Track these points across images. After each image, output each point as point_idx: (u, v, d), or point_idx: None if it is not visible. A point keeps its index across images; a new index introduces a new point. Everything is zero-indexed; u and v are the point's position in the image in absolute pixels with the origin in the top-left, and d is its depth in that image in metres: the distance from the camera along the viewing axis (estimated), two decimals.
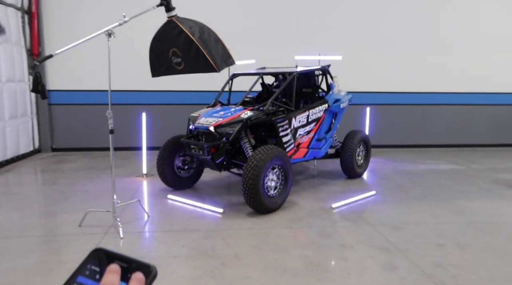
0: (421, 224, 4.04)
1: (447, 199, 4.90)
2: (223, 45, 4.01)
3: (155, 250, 3.41)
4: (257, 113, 4.64)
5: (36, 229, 3.82)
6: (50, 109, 7.74)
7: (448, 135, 8.75)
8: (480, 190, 5.32)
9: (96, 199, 4.71)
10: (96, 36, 3.55)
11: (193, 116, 4.98)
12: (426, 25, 8.30)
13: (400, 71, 8.37)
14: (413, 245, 3.49)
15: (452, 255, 3.31)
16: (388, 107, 8.44)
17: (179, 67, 4.08)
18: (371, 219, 4.17)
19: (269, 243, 3.51)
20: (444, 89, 8.55)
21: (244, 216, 4.21)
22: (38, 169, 6.56)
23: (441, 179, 5.94)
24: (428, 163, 7.14)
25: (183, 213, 4.30)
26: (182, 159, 5.17)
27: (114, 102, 7.64)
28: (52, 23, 7.49)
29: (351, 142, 5.69)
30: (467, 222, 4.11)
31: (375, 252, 3.35)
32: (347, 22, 8.12)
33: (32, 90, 3.28)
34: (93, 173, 6.07)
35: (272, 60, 6.93)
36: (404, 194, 5.13)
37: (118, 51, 7.21)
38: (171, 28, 3.93)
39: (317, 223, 4.03)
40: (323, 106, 5.36)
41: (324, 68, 5.73)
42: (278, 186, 4.41)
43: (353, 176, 5.84)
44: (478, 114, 8.77)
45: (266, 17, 7.92)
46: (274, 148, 4.30)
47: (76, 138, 7.85)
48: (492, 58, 8.52)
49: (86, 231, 3.74)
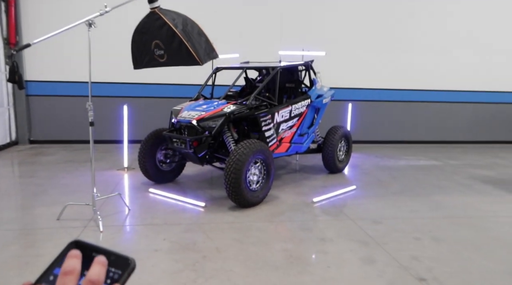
0: (399, 218, 4.13)
1: (424, 194, 5.01)
2: (207, 38, 3.98)
3: (135, 243, 3.39)
4: (240, 107, 4.64)
5: (13, 223, 3.74)
6: (27, 100, 7.53)
7: (428, 131, 8.93)
8: (457, 186, 5.46)
9: (75, 193, 4.63)
10: (76, 26, 3.47)
11: (175, 109, 4.94)
12: (408, 23, 8.42)
13: (382, 68, 8.48)
14: (391, 239, 3.57)
15: (428, 248, 3.40)
16: (370, 103, 8.55)
17: (162, 59, 4.03)
18: (351, 213, 4.23)
19: (250, 237, 3.53)
20: (425, 86, 8.71)
21: (226, 210, 4.21)
22: (15, 161, 6.40)
23: (420, 174, 6.07)
24: (408, 159, 7.28)
25: (165, 207, 4.28)
26: (164, 153, 5.12)
27: (95, 94, 7.49)
28: (30, 11, 7.27)
29: (333, 138, 5.75)
30: (443, 216, 4.22)
31: (354, 245, 3.41)
32: (331, 18, 8.17)
33: (8, 80, 3.19)
34: (72, 166, 5.96)
35: (256, 54, 6.91)
36: (383, 189, 5.22)
37: (99, 42, 7.06)
38: (154, 20, 3.87)
39: (298, 217, 4.07)
40: (305, 102, 5.39)
41: (307, 64, 5.76)
42: (260, 180, 4.42)
43: (334, 171, 5.91)
44: (458, 112, 8.98)
45: (251, 11, 7.89)
46: (256, 142, 4.31)
47: (54, 130, 7.67)
48: (472, 58, 8.72)
49: (65, 225, 3.68)
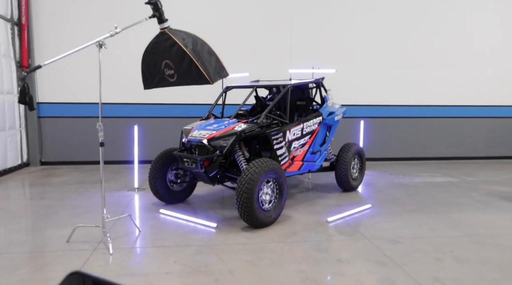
0: (417, 237, 3.97)
1: (443, 212, 4.85)
2: (217, 57, 3.97)
3: (145, 266, 3.29)
4: (251, 126, 4.59)
5: (22, 245, 3.68)
6: (39, 122, 7.61)
7: (442, 148, 8.77)
8: (475, 203, 5.29)
9: (86, 214, 4.58)
10: (87, 47, 3.49)
11: (186, 129, 4.91)
12: (419, 39, 8.39)
13: (394, 84, 8.42)
14: (410, 259, 3.42)
15: (451, 269, 3.24)
16: (382, 120, 8.46)
17: (172, 79, 4.03)
18: (367, 232, 4.09)
19: (264, 258, 3.41)
20: (438, 102, 8.61)
21: (238, 231, 4.11)
22: (26, 183, 6.40)
23: (436, 191, 5.90)
24: (423, 175, 7.12)
25: (176, 228, 4.19)
26: (175, 173, 5.07)
27: (106, 115, 7.56)
28: (42, 35, 7.43)
29: (346, 155, 5.65)
30: (464, 235, 4.05)
31: (372, 266, 3.27)
32: (341, 36, 8.18)
33: (19, 101, 3.19)
34: (83, 187, 5.93)
35: (266, 73, 6.93)
36: (399, 207, 5.07)
37: (110, 63, 7.18)
38: (164, 40, 3.89)
39: (313, 237, 3.95)
40: (317, 119, 5.33)
41: (318, 81, 5.72)
42: (272, 200, 4.32)
43: (348, 189, 5.79)
44: (472, 127, 8.82)
45: (261, 30, 7.95)
46: (268, 161, 4.23)
47: (66, 152, 7.71)
48: (485, 71, 8.63)
49: (74, 247, 3.61)
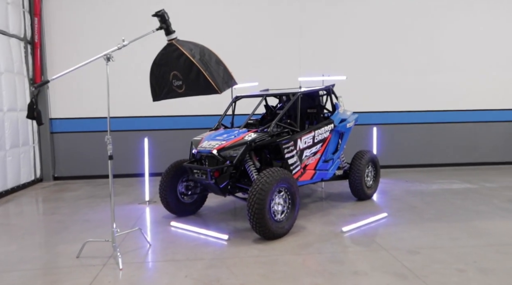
0: (438, 247, 3.80)
1: (463, 220, 4.66)
2: (225, 67, 3.92)
3: (156, 282, 3.20)
4: (261, 135, 4.51)
5: (33, 262, 3.63)
6: (52, 137, 7.68)
7: (458, 153, 8.54)
8: (497, 210, 5.07)
9: (97, 229, 4.54)
10: (95, 60, 3.48)
11: (195, 140, 4.86)
12: (430, 44, 8.26)
13: (407, 90, 8.27)
14: (431, 271, 3.25)
15: (475, 281, 3.06)
16: (395, 127, 8.29)
17: (180, 90, 4.00)
18: (384, 243, 3.94)
19: (277, 272, 3.29)
20: (452, 106, 8.41)
21: (250, 243, 4.00)
22: (39, 198, 6.42)
23: (455, 199, 5.70)
24: (440, 182, 6.91)
25: (187, 241, 4.10)
26: (185, 185, 5.01)
27: (116, 129, 7.59)
28: (54, 53, 7.55)
29: (359, 163, 5.52)
30: (487, 244, 3.86)
31: (391, 279, 3.12)
32: (351, 42, 8.11)
33: (27, 116, 3.18)
34: (94, 202, 5.91)
35: (275, 82, 6.88)
36: (417, 215, 4.89)
37: (119, 78, 7.23)
38: (171, 51, 3.87)
39: (327, 249, 3.81)
40: (329, 126, 5.22)
41: (328, 88, 5.63)
42: (285, 210, 4.21)
43: (363, 198, 5.63)
44: (489, 132, 8.58)
45: (269, 39, 7.93)
46: (280, 170, 4.13)
47: (78, 166, 7.75)
48: (501, 74, 8.42)
49: (84, 263, 3.55)
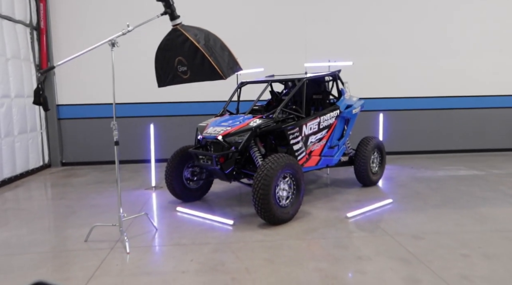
0: (442, 233, 3.81)
1: (469, 207, 4.65)
2: (230, 52, 3.90)
3: (162, 265, 3.26)
4: (266, 121, 4.51)
5: (42, 245, 3.71)
6: (59, 123, 7.74)
7: (465, 140, 8.46)
8: (504, 196, 5.05)
9: (104, 213, 4.60)
10: (99, 46, 3.48)
11: (201, 126, 4.87)
12: (438, 29, 8.11)
13: (413, 75, 8.17)
14: (435, 256, 3.27)
15: (479, 266, 3.07)
16: (401, 113, 8.22)
17: (185, 76, 3.99)
18: (389, 228, 3.95)
19: (282, 256, 3.33)
20: (460, 92, 8.30)
21: (255, 228, 4.04)
22: (47, 184, 6.51)
23: (461, 185, 5.68)
24: (447, 169, 6.87)
25: (192, 226, 4.15)
26: (191, 170, 5.05)
27: (122, 115, 7.62)
28: (60, 38, 7.54)
29: (365, 149, 5.50)
30: (492, 230, 3.86)
31: (395, 264, 3.14)
32: (357, 28, 7.99)
33: (34, 102, 3.20)
34: (102, 187, 5.98)
35: (281, 67, 6.82)
36: (422, 202, 4.89)
37: (125, 64, 7.21)
38: (176, 37, 3.85)
39: (332, 234, 3.84)
40: (334, 113, 5.20)
41: (334, 74, 5.58)
42: (290, 196, 4.23)
43: (368, 184, 5.63)
44: (496, 118, 8.47)
45: (275, 25, 7.85)
46: (285, 156, 4.14)
47: (86, 152, 7.82)
48: (508, 60, 8.26)
49: (92, 247, 3.62)
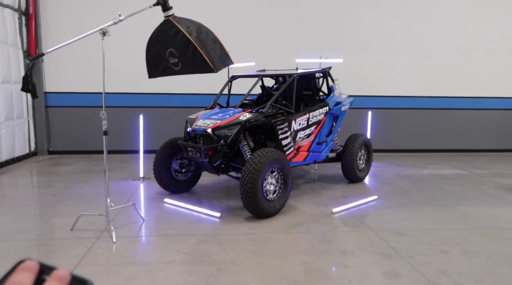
0: (424, 230, 3.91)
1: (450, 205, 4.77)
2: (221, 46, 3.91)
3: (148, 255, 3.29)
4: (256, 115, 4.54)
5: (27, 233, 3.70)
6: (47, 111, 7.65)
7: (451, 140, 8.63)
8: (484, 196, 5.19)
9: (91, 203, 4.60)
10: (90, 34, 3.46)
11: (190, 118, 4.88)
12: (428, 29, 8.21)
13: (402, 75, 8.27)
14: (416, 252, 3.36)
15: (457, 262, 3.18)
16: (390, 111, 8.33)
17: (176, 67, 3.99)
18: (372, 224, 4.04)
19: (267, 249, 3.39)
20: (447, 93, 8.45)
21: (242, 221, 4.08)
22: (33, 172, 6.45)
23: (444, 184, 5.81)
24: (431, 168, 7.01)
25: (180, 217, 4.18)
26: (180, 162, 5.06)
27: (112, 105, 7.57)
28: (50, 24, 7.43)
29: (353, 146, 5.58)
30: (472, 228, 3.98)
31: (377, 258, 3.22)
32: (349, 25, 8.05)
33: (22, 89, 3.17)
34: (89, 176, 5.96)
35: (272, 62, 6.85)
36: (406, 199, 5.00)
37: (115, 53, 7.16)
38: (168, 28, 3.84)
39: (317, 228, 3.91)
40: (323, 109, 5.25)
41: (324, 71, 5.63)
42: (277, 190, 4.29)
43: (355, 181, 5.72)
44: (482, 119, 8.66)
45: (267, 19, 7.85)
46: (273, 151, 4.18)
47: (73, 141, 7.75)
48: (495, 63, 8.42)
49: (78, 235, 3.62)
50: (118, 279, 2.83)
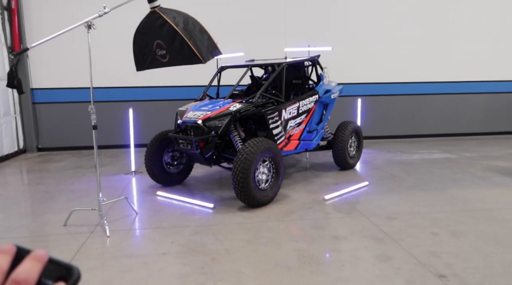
0: (414, 213, 3.97)
1: (440, 188, 4.84)
2: (209, 36, 3.88)
3: (143, 247, 3.30)
4: (246, 106, 4.54)
5: (19, 230, 3.68)
6: (34, 108, 7.55)
7: (440, 124, 8.72)
8: (473, 178, 5.28)
9: (83, 198, 4.58)
10: (75, 28, 3.41)
11: (180, 110, 4.86)
12: (414, 15, 8.23)
13: (391, 61, 8.30)
14: (407, 235, 3.42)
15: (447, 243, 3.25)
16: (379, 98, 8.38)
17: (164, 59, 3.96)
18: (364, 210, 4.09)
19: (261, 237, 3.42)
20: (435, 78, 8.51)
21: (235, 211, 4.11)
22: (23, 169, 6.39)
23: (434, 168, 5.89)
24: (421, 153, 7.10)
25: (173, 210, 4.19)
26: (171, 155, 5.05)
27: (100, 99, 7.50)
28: (33, 19, 7.29)
29: (343, 133, 5.62)
30: (461, 210, 4.05)
31: (368, 243, 3.28)
32: (336, 13, 8.03)
33: (7, 85, 3.13)
34: (80, 172, 5.92)
35: (261, 52, 6.82)
36: (397, 184, 5.07)
37: (102, 47, 7.06)
38: (155, 19, 3.80)
39: (310, 216, 3.95)
40: (313, 97, 5.27)
41: (313, 59, 5.63)
42: (269, 179, 4.31)
43: (346, 168, 5.77)
44: (470, 103, 8.75)
45: (254, 9, 7.80)
46: (264, 140, 4.20)
47: (62, 137, 7.67)
48: (481, 47, 8.50)
49: (71, 231, 3.61)
50: (113, 272, 2.84)
